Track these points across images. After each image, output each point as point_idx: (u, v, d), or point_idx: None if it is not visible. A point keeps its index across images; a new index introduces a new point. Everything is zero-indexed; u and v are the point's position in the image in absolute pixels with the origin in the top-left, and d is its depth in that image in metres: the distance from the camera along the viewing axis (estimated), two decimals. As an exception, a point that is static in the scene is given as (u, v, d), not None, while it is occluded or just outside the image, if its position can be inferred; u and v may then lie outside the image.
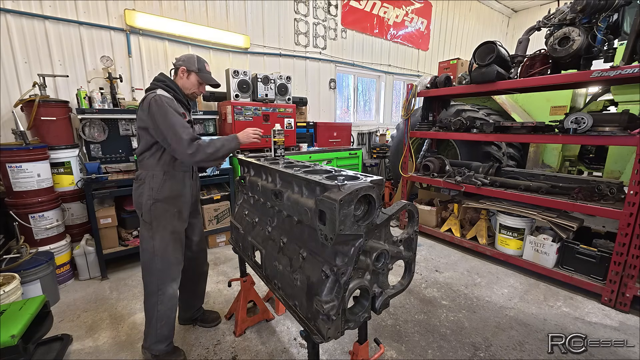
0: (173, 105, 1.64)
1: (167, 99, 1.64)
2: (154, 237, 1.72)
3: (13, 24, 2.90)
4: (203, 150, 1.61)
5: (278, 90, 3.96)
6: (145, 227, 1.74)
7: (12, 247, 2.51)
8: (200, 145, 1.61)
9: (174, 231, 1.78)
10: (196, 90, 1.86)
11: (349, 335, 2.02)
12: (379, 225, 1.13)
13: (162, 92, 1.68)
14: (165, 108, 1.59)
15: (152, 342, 1.79)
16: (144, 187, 1.72)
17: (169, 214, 1.75)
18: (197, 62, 1.81)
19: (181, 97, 1.80)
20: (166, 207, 1.74)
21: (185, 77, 1.80)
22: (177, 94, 1.77)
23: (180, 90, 1.80)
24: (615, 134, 2.39)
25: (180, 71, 1.80)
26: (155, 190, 1.72)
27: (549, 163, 4.28)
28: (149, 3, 3.61)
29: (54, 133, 2.86)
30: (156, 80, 1.77)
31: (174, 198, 1.77)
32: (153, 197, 1.71)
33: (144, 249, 1.75)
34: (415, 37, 6.94)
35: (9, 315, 1.71)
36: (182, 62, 1.80)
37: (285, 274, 1.38)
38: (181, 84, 1.82)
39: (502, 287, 2.74)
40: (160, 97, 1.63)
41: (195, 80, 1.83)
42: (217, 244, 3.67)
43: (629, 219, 2.24)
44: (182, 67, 1.79)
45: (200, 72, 1.81)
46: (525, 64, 2.92)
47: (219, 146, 1.68)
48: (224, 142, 1.72)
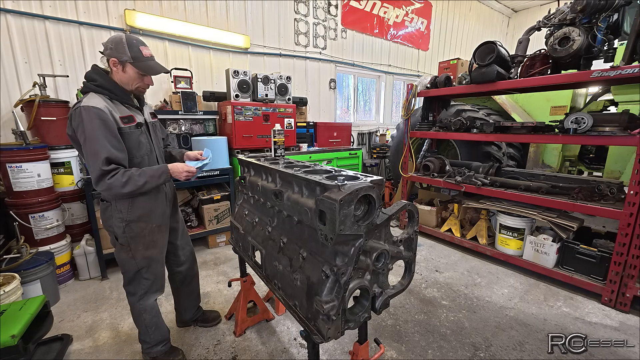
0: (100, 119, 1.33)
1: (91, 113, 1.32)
2: (135, 257, 1.60)
3: (13, 24, 2.90)
4: (115, 190, 1.37)
5: (278, 90, 3.96)
6: (123, 249, 1.58)
7: (12, 247, 2.51)
8: (111, 185, 1.35)
9: (155, 245, 1.66)
10: (140, 84, 1.53)
11: (349, 335, 2.02)
12: (379, 225, 1.13)
13: (89, 100, 1.37)
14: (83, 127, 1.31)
15: (149, 347, 1.80)
16: (111, 210, 1.53)
17: (147, 231, 1.61)
18: (129, 47, 1.41)
19: (122, 96, 1.49)
20: (142, 225, 1.58)
21: (119, 70, 1.45)
22: (113, 94, 1.46)
23: (118, 88, 1.48)
24: (616, 134, 2.39)
25: (111, 64, 1.44)
26: (125, 213, 1.52)
27: (549, 163, 4.28)
28: (149, 3, 3.62)
29: (54, 133, 2.86)
30: (86, 79, 1.44)
31: (148, 215, 1.60)
32: (125, 220, 1.53)
33: (126, 270, 1.63)
34: (415, 37, 6.94)
35: (9, 315, 1.71)
36: (109, 50, 1.41)
37: (286, 274, 1.38)
38: (118, 79, 1.47)
39: (502, 287, 2.74)
40: (81, 110, 1.32)
41: (133, 73, 1.46)
42: (217, 244, 3.67)
43: (629, 219, 2.24)
44: (112, 58, 1.42)
45: (137, 61, 1.44)
46: (526, 64, 2.92)
47: (139, 184, 1.41)
48: (148, 178, 1.45)
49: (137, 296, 1.70)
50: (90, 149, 1.33)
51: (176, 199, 1.94)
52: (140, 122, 1.57)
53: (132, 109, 1.55)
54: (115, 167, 1.38)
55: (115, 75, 1.48)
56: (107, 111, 1.39)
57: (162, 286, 1.79)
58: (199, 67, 4.12)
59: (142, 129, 1.57)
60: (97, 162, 1.33)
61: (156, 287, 1.74)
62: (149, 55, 1.51)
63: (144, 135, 1.60)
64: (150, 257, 1.65)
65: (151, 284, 1.70)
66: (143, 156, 1.58)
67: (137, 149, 1.53)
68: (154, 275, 1.70)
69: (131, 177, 1.40)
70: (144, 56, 1.48)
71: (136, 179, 1.41)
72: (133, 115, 1.52)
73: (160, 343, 1.82)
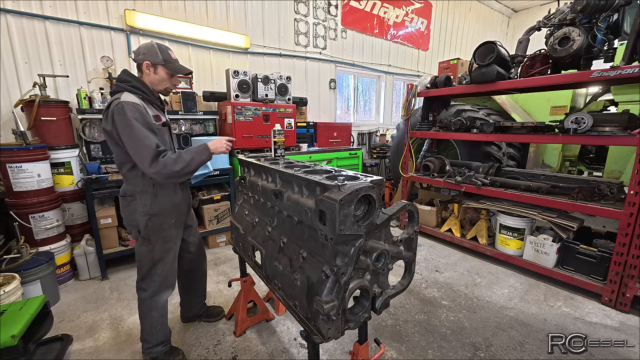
0: (139, 112, 1.48)
1: (132, 107, 1.46)
2: (154, 249, 1.68)
3: (13, 24, 2.90)
4: (168, 168, 1.47)
5: (278, 90, 3.96)
6: (144, 243, 1.67)
7: (13, 247, 2.51)
8: (165, 163, 1.47)
9: (172, 240, 1.75)
10: (168, 84, 1.68)
11: (349, 335, 2.02)
12: (379, 225, 1.13)
13: (127, 97, 1.49)
14: (128, 119, 1.43)
15: (150, 347, 1.81)
16: (136, 204, 1.63)
17: (167, 225, 1.71)
18: (160, 51, 1.58)
19: (151, 97, 1.63)
20: (163, 219, 1.68)
21: (152, 72, 1.60)
22: (146, 95, 1.59)
23: (149, 90, 1.62)
24: (616, 134, 2.39)
25: (144, 67, 1.58)
26: (149, 206, 1.63)
27: (549, 163, 4.28)
28: (149, 3, 3.62)
29: (54, 133, 2.86)
30: (119, 80, 1.58)
31: (169, 209, 1.71)
32: (148, 213, 1.63)
33: (143, 264, 1.70)
34: (415, 37, 6.94)
35: (9, 315, 1.71)
36: (142, 55, 1.57)
37: (286, 274, 1.38)
38: (149, 80, 1.62)
39: (503, 287, 2.74)
40: (123, 105, 1.44)
41: (164, 74, 1.62)
42: (217, 244, 3.67)
43: (629, 219, 2.24)
44: (146, 61, 1.57)
45: (167, 62, 1.60)
46: (526, 64, 2.92)
47: (187, 160, 1.53)
48: (194, 155, 1.58)
49: (150, 292, 1.73)
50: (140, 136, 1.44)
51: (190, 198, 2.02)
52: (165, 121, 1.70)
53: (158, 109, 1.68)
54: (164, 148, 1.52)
55: (147, 77, 1.62)
56: (144, 108, 1.53)
57: (173, 283, 1.84)
58: (199, 67, 4.12)
59: (166, 127, 1.71)
60: (150, 144, 1.45)
61: (168, 284, 1.79)
62: (175, 58, 1.67)
63: (167, 134, 1.74)
64: (167, 251, 1.73)
65: (163, 280, 1.75)
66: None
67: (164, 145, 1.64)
68: (166, 271, 1.75)
69: (179, 155, 1.54)
70: (172, 59, 1.65)
71: (184, 156, 1.54)
72: (159, 114, 1.66)
73: (162, 343, 1.83)
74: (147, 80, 1.62)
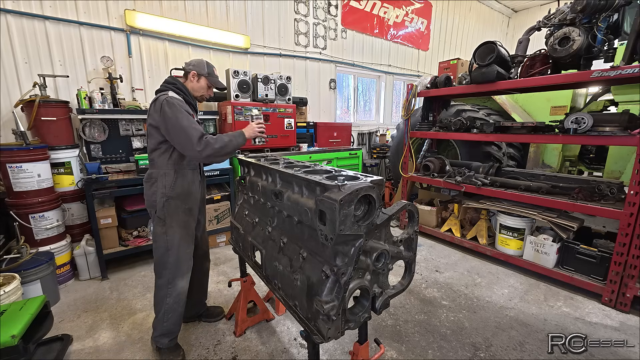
0: (184, 107, 1.72)
1: (178, 101, 1.73)
2: (167, 232, 1.80)
3: (13, 24, 2.90)
4: (211, 146, 1.68)
5: (278, 90, 3.96)
6: (160, 223, 1.81)
7: (13, 248, 2.51)
8: (208, 142, 1.68)
9: (186, 227, 1.86)
10: (205, 93, 1.96)
11: (349, 335, 2.02)
12: (379, 225, 1.13)
13: (173, 94, 1.76)
14: (177, 109, 1.68)
15: (158, 335, 1.86)
16: (157, 185, 1.80)
17: (181, 211, 1.83)
18: (207, 67, 1.91)
19: (190, 99, 1.89)
20: (178, 203, 1.82)
21: (195, 80, 1.90)
22: (186, 96, 1.86)
23: (189, 93, 1.89)
24: (616, 134, 2.39)
25: (191, 75, 1.89)
26: (168, 188, 1.79)
27: (549, 163, 4.28)
28: (149, 3, 3.62)
29: (54, 133, 2.86)
30: (167, 82, 1.87)
31: (185, 195, 1.84)
32: (166, 195, 1.79)
33: (158, 245, 1.82)
34: (415, 37, 6.94)
35: (10, 315, 1.71)
36: (192, 66, 1.90)
37: (286, 274, 1.38)
38: (190, 87, 1.91)
39: (503, 287, 2.74)
40: (172, 98, 1.71)
41: (204, 84, 1.92)
42: (217, 244, 3.67)
43: (629, 219, 2.24)
44: (193, 71, 1.88)
45: (210, 76, 1.91)
46: (526, 64, 2.92)
47: (226, 141, 1.74)
48: (232, 137, 1.78)
49: (165, 279, 1.82)
50: (189, 122, 1.67)
51: (205, 193, 2.14)
52: (197, 120, 1.90)
53: (192, 109, 1.90)
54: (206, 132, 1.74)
55: (189, 84, 1.91)
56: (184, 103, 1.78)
57: (188, 270, 1.90)
58: (199, 67, 4.11)
59: None
60: (197, 127, 1.68)
61: (182, 270, 1.86)
62: (217, 74, 1.97)
63: None
64: (180, 236, 1.82)
65: (177, 266, 1.83)
66: None
67: None
68: (180, 257, 1.83)
69: (219, 136, 1.75)
70: (214, 74, 1.95)
71: (222, 137, 1.75)
72: (193, 115, 1.85)
73: (169, 335, 1.87)
74: (189, 86, 1.91)
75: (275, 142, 4.00)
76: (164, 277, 1.82)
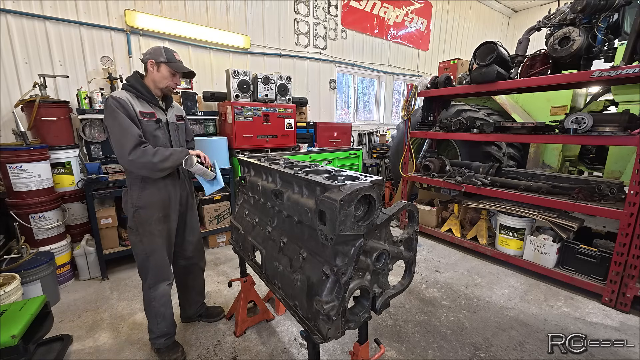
0: (122, 105, 1.58)
1: (117, 101, 1.58)
2: (142, 241, 1.75)
3: (14, 25, 2.90)
4: (147, 158, 1.56)
5: (278, 90, 3.96)
6: (133, 233, 1.77)
7: (13, 248, 2.51)
8: (145, 151, 1.57)
9: (161, 235, 1.79)
10: (170, 82, 1.76)
11: (349, 335, 2.02)
12: (379, 225, 1.13)
13: (117, 93, 1.63)
14: (111, 110, 1.56)
15: (154, 337, 1.88)
16: (127, 195, 1.75)
17: (154, 219, 1.76)
18: (165, 52, 1.71)
19: (146, 95, 1.71)
20: (150, 212, 1.74)
21: (155, 70, 1.71)
22: (139, 92, 1.70)
23: (144, 88, 1.71)
24: (616, 134, 2.39)
25: (149, 65, 1.71)
26: (135, 198, 1.72)
27: (549, 163, 4.27)
28: (149, 3, 3.62)
29: (55, 133, 2.86)
30: (125, 80, 1.75)
31: (156, 203, 1.76)
32: (135, 205, 1.72)
33: (136, 252, 1.79)
34: (416, 37, 6.94)
35: (10, 315, 1.71)
36: (149, 55, 1.71)
37: (286, 274, 1.38)
38: (152, 78, 1.73)
39: (503, 287, 2.74)
40: (111, 98, 1.59)
41: (166, 72, 1.72)
42: (218, 244, 3.67)
43: (630, 219, 2.24)
44: (150, 59, 1.70)
45: (170, 62, 1.70)
46: (526, 64, 2.92)
47: (166, 155, 1.62)
48: (172, 152, 1.67)
49: (147, 283, 1.81)
50: (123, 126, 1.55)
51: (191, 196, 2.04)
52: (160, 119, 1.76)
53: (155, 107, 1.76)
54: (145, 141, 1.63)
55: (150, 76, 1.73)
56: (128, 102, 1.62)
57: (167, 276, 1.87)
58: (199, 67, 4.12)
59: (160, 124, 1.77)
60: (132, 134, 1.56)
61: (162, 276, 1.83)
62: (179, 59, 1.77)
63: (162, 130, 1.78)
64: (155, 244, 1.77)
65: (156, 272, 1.80)
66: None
67: (152, 141, 1.71)
68: (158, 264, 1.80)
69: (159, 149, 1.64)
70: (175, 59, 1.74)
71: (163, 150, 1.65)
72: (155, 112, 1.74)
73: (165, 336, 1.88)
74: (150, 78, 1.73)
75: (275, 142, 4.00)
76: (146, 282, 1.81)
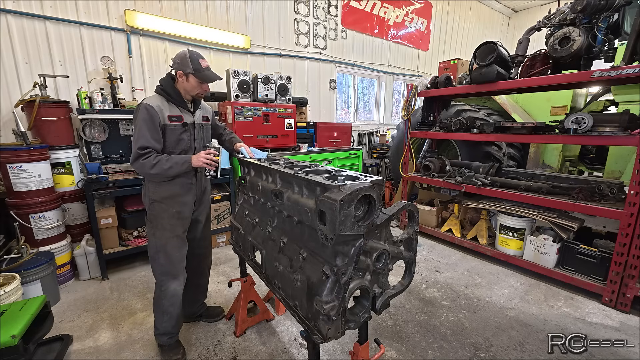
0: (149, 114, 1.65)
1: (146, 110, 1.65)
2: (155, 234, 1.81)
3: (14, 25, 2.90)
4: (145, 170, 1.66)
5: (278, 90, 3.96)
6: (148, 225, 1.85)
7: (13, 248, 2.51)
8: (144, 164, 1.64)
9: (173, 230, 1.82)
10: (200, 90, 1.81)
11: (349, 335, 2.02)
12: (379, 225, 1.13)
13: (148, 99, 1.71)
14: (137, 116, 1.67)
15: (158, 333, 1.90)
16: (145, 188, 1.83)
17: (167, 214, 1.81)
18: (191, 62, 1.72)
19: (176, 100, 1.77)
20: (164, 207, 1.80)
21: (184, 80, 1.75)
22: (170, 97, 1.76)
23: (176, 94, 1.77)
24: (616, 134, 2.39)
25: (178, 75, 1.76)
26: (152, 192, 1.80)
27: (549, 163, 4.27)
28: (149, 3, 3.62)
29: (55, 133, 2.86)
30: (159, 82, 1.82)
31: (171, 199, 1.81)
32: (151, 198, 1.80)
33: (149, 245, 1.85)
34: (416, 37, 6.94)
35: (10, 315, 1.71)
36: (177, 65, 1.74)
37: (286, 274, 1.38)
38: (183, 87, 1.78)
39: (503, 287, 2.74)
40: (142, 105, 1.67)
41: (194, 82, 1.76)
42: (218, 244, 3.67)
43: (630, 219, 2.24)
44: (179, 71, 1.74)
45: (197, 72, 1.73)
46: (526, 64, 2.92)
47: (165, 168, 1.67)
48: (174, 164, 1.70)
49: (158, 280, 1.84)
50: (138, 135, 1.66)
51: (206, 194, 2.07)
52: (187, 122, 1.82)
53: (184, 110, 1.82)
54: (150, 150, 1.67)
55: (181, 85, 1.78)
56: (158, 109, 1.69)
57: (178, 274, 1.86)
58: (199, 68, 4.11)
59: (187, 127, 1.83)
60: (140, 145, 1.64)
61: (172, 273, 1.84)
62: (206, 66, 1.78)
63: (187, 133, 1.84)
64: (167, 239, 1.81)
65: (167, 269, 1.82)
66: (181, 151, 1.82)
67: (176, 144, 1.79)
68: (169, 260, 1.82)
69: (160, 161, 1.68)
70: (202, 67, 1.75)
71: (163, 162, 1.68)
72: (182, 115, 1.80)
73: (168, 334, 1.89)
74: (181, 86, 1.78)
75: (275, 142, 4.00)
76: (157, 278, 1.84)
